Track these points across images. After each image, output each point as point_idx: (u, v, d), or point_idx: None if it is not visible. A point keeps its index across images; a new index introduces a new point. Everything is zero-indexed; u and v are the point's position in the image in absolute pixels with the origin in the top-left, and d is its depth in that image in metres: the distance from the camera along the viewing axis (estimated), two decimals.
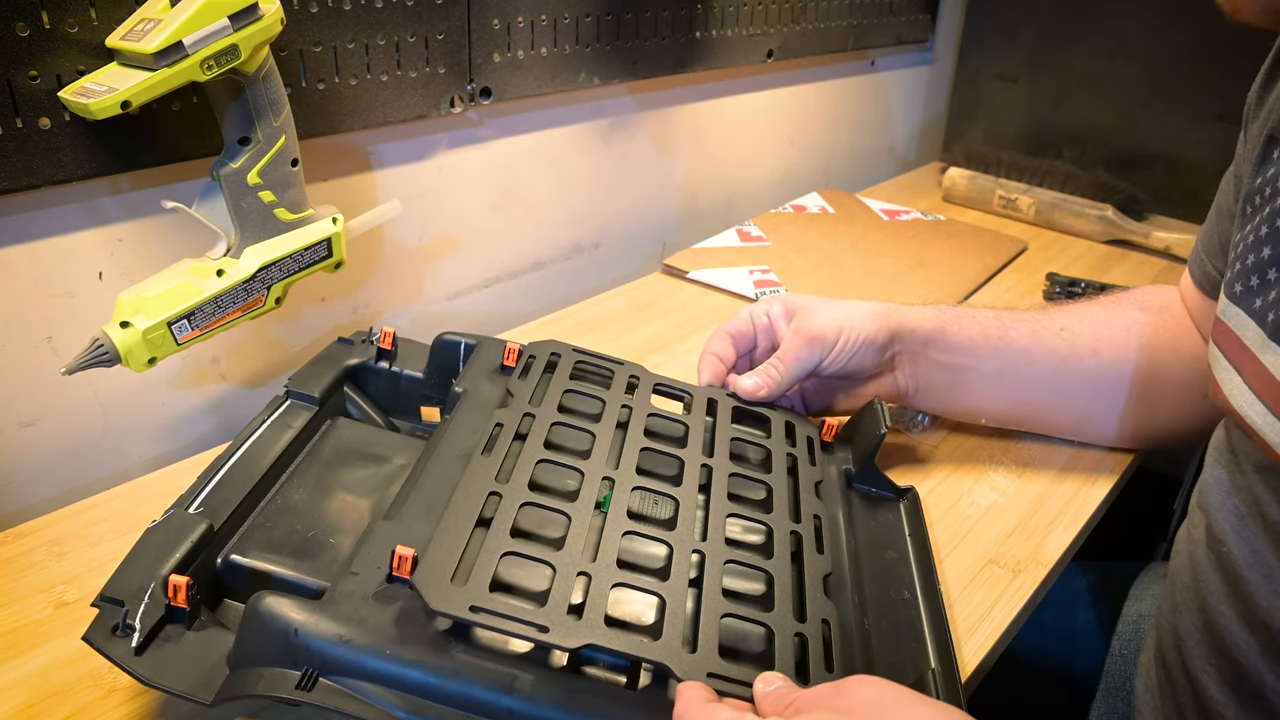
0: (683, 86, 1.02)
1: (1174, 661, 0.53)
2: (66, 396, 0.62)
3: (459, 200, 0.83)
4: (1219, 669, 0.49)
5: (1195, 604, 0.51)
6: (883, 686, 0.36)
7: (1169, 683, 0.54)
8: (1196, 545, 0.52)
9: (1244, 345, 0.46)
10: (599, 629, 0.39)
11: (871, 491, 0.59)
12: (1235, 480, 0.49)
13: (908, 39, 1.32)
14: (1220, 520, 0.49)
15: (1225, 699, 0.48)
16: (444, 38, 0.73)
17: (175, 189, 0.63)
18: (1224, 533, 0.49)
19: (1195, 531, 0.52)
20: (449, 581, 0.39)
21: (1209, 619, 0.49)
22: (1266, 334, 0.45)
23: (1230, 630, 0.47)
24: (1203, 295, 0.63)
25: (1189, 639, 0.51)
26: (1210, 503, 0.51)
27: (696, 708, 0.36)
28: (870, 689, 0.36)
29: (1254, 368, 0.45)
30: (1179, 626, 0.52)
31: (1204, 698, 0.49)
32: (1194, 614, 0.51)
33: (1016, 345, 0.65)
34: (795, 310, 0.64)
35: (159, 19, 0.50)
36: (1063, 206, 1.17)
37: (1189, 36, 1.13)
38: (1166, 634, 0.54)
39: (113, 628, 0.40)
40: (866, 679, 0.37)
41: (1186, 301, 0.67)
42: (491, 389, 0.57)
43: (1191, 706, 0.51)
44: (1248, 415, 0.45)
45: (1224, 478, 0.50)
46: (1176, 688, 0.52)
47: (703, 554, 0.45)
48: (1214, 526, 0.50)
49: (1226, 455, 0.50)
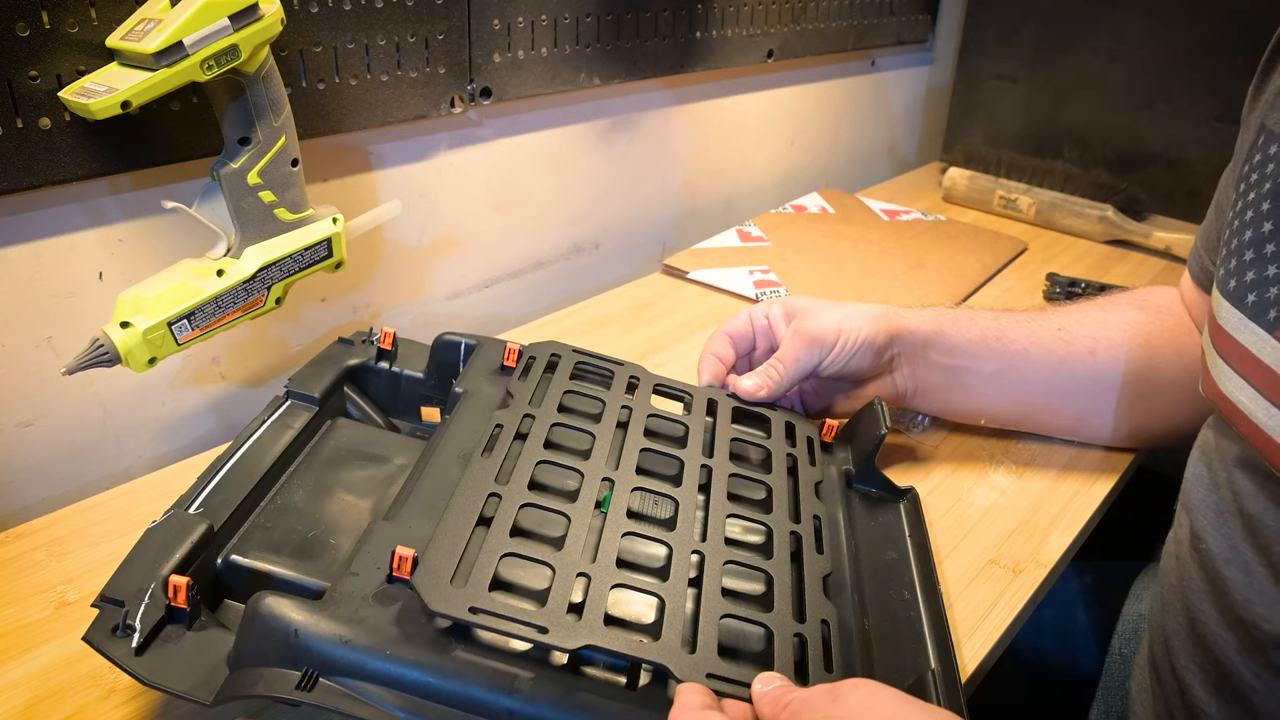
0: (683, 86, 1.02)
1: (1163, 662, 0.53)
2: (66, 396, 0.62)
3: (459, 200, 0.83)
4: (1201, 667, 0.49)
5: (1180, 603, 0.51)
6: (878, 692, 0.36)
7: (1159, 683, 0.54)
8: (1181, 545, 0.52)
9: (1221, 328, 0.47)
10: (598, 630, 0.39)
11: (871, 492, 0.59)
12: (1216, 477, 0.49)
13: (908, 39, 1.32)
14: (1200, 518, 0.50)
15: (1208, 697, 0.48)
16: (444, 38, 0.73)
17: (175, 189, 0.63)
18: (1204, 530, 0.49)
19: (1180, 531, 0.53)
20: (448, 583, 0.39)
21: (1192, 617, 0.49)
22: (1245, 315, 0.45)
23: (1210, 628, 0.48)
24: (1200, 292, 0.63)
25: (1175, 638, 0.51)
26: (1191, 501, 0.51)
27: (689, 714, 0.36)
28: (865, 694, 0.36)
29: (1234, 348, 0.45)
30: (1166, 625, 0.53)
31: (1189, 696, 0.49)
32: (1179, 613, 0.51)
33: (1015, 346, 0.65)
34: (795, 312, 0.64)
35: (159, 19, 0.50)
36: (1063, 206, 1.17)
37: (1189, 36, 1.13)
38: (1156, 634, 0.55)
39: (113, 628, 0.40)
40: (862, 683, 0.37)
41: (1186, 300, 0.67)
42: (491, 389, 0.57)
43: (1179, 706, 0.51)
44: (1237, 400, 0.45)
45: (1205, 475, 0.50)
46: (1165, 688, 0.53)
47: (702, 554, 0.45)
48: (1195, 524, 0.50)
49: (1209, 453, 0.51)
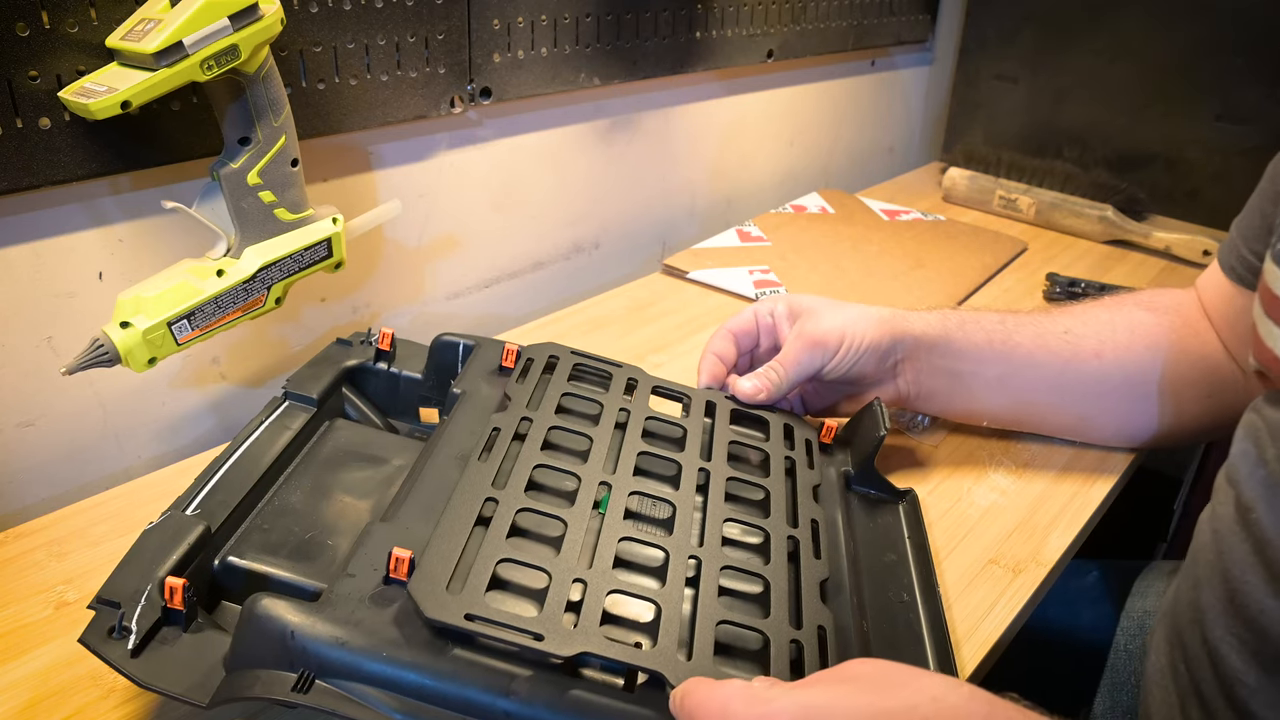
0: (683, 87, 1.02)
1: (1192, 637, 0.53)
2: (66, 396, 0.62)
3: (459, 200, 0.83)
4: (1239, 638, 0.49)
5: (1219, 577, 0.51)
6: (884, 662, 0.37)
7: (1183, 659, 0.54)
8: (1221, 520, 0.52)
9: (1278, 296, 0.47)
10: (594, 636, 0.39)
11: (870, 493, 0.59)
12: (1265, 453, 0.50)
13: (908, 39, 1.32)
14: (1248, 490, 0.50)
15: (1245, 666, 0.48)
16: (444, 38, 0.73)
17: (175, 189, 0.63)
18: (1252, 500, 0.49)
19: (1220, 508, 0.53)
20: (444, 589, 0.39)
21: (1232, 588, 0.50)
22: None
23: (1254, 598, 0.48)
24: (1234, 285, 0.63)
25: (1210, 611, 0.51)
26: (1238, 475, 0.51)
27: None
28: (872, 664, 0.37)
29: None
30: (1200, 600, 0.53)
31: (1223, 668, 0.50)
32: (1216, 586, 0.51)
33: (1020, 349, 0.65)
34: (800, 312, 0.63)
35: (159, 19, 0.50)
36: (1063, 206, 1.17)
37: (1189, 36, 1.13)
38: (1185, 610, 0.55)
39: (109, 630, 0.40)
40: (866, 659, 0.37)
41: (1206, 296, 0.66)
42: (490, 390, 0.57)
43: (1209, 679, 0.51)
44: None
45: (1252, 451, 0.51)
46: (1193, 663, 0.53)
47: (699, 559, 0.45)
48: (1242, 497, 0.50)
49: (1256, 431, 0.51)
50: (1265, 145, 1.12)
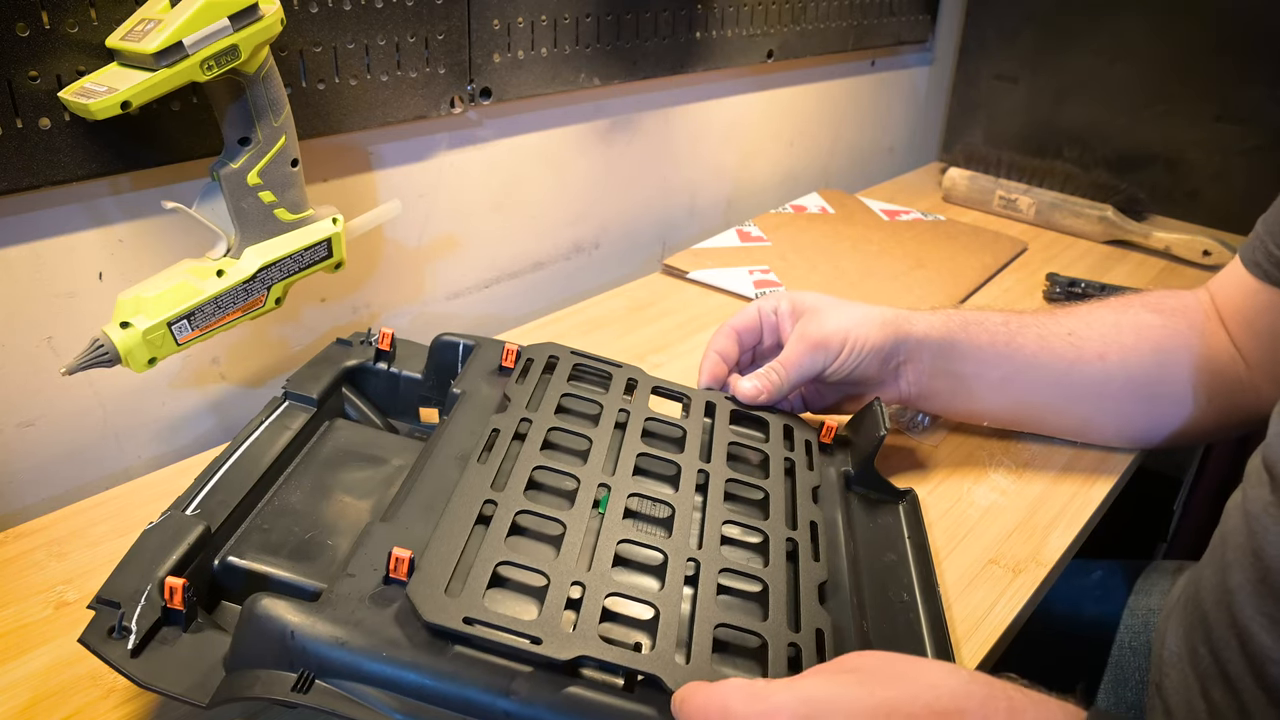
0: (683, 87, 1.02)
1: (1219, 619, 0.53)
2: (66, 396, 0.62)
3: (459, 200, 0.83)
4: (1270, 616, 0.49)
5: (1250, 558, 0.51)
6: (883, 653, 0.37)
7: (1205, 642, 0.54)
8: (1254, 502, 0.52)
9: None
10: (592, 640, 0.39)
11: (870, 494, 0.59)
12: None
13: (908, 39, 1.32)
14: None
15: (1276, 643, 0.48)
16: (444, 38, 0.73)
17: (175, 189, 0.63)
18: None
19: (1253, 490, 0.53)
20: (443, 592, 0.39)
21: (1266, 566, 0.50)
22: None
23: None
24: (1259, 282, 0.62)
25: (1239, 593, 0.51)
26: (1274, 457, 0.51)
27: None
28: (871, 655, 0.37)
29: None
30: (1228, 583, 0.53)
31: (1252, 647, 0.50)
32: (1248, 568, 0.51)
33: (1024, 352, 0.64)
34: (803, 311, 0.63)
35: (159, 19, 0.50)
36: (1063, 207, 1.17)
37: (1189, 37, 1.13)
38: (1209, 593, 0.55)
39: (109, 630, 0.39)
40: (865, 651, 0.37)
41: (1223, 296, 0.66)
42: (490, 390, 0.57)
43: (1236, 660, 0.51)
44: None
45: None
46: (1217, 645, 0.53)
47: (698, 562, 0.45)
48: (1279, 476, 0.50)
49: None
50: (1265, 145, 1.12)
